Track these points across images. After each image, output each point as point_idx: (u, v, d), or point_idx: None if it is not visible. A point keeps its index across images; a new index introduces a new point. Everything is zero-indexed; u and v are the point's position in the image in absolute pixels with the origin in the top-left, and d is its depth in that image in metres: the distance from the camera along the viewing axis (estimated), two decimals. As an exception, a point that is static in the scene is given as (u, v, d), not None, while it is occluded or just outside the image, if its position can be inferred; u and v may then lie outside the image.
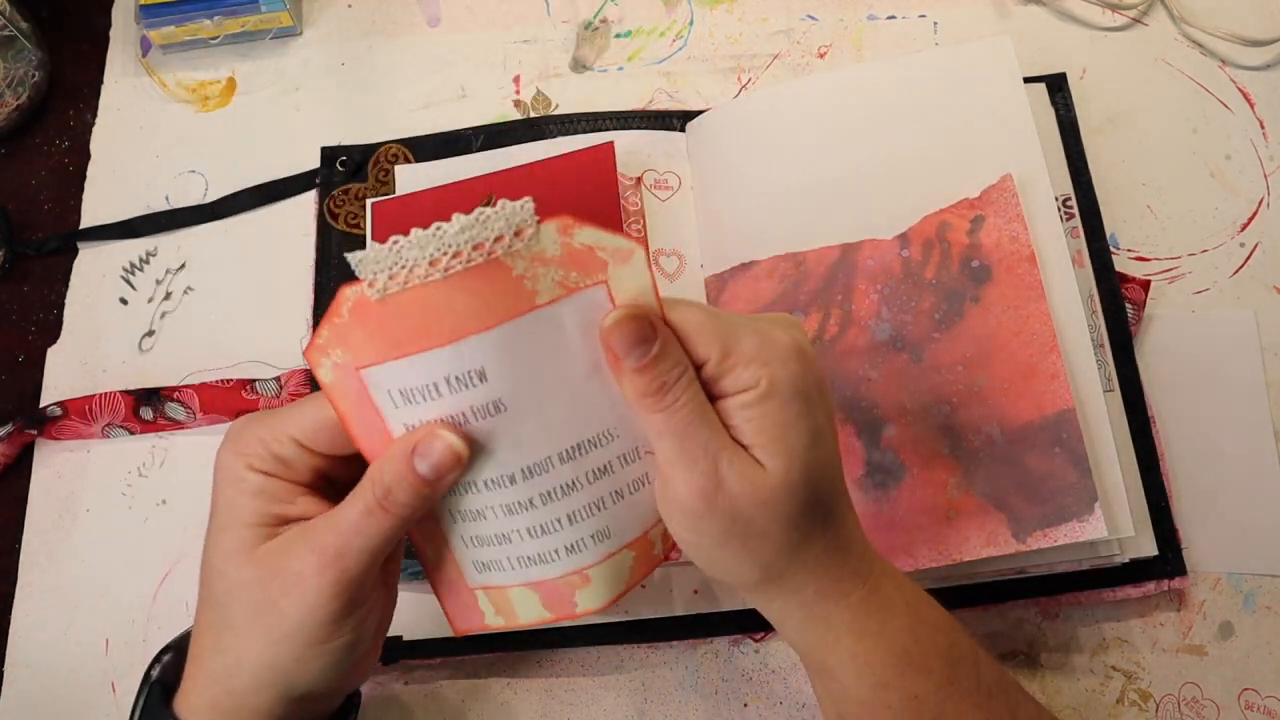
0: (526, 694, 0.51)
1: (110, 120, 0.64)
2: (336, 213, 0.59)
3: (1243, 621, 0.50)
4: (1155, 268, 0.57)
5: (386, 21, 0.65)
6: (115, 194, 0.62)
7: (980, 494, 0.47)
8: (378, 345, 0.33)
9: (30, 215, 0.62)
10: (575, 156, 0.56)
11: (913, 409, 0.49)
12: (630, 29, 0.64)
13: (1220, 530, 0.51)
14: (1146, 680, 0.49)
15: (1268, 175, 0.58)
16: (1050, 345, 0.48)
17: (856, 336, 0.51)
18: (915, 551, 0.47)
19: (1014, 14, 0.63)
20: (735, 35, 0.64)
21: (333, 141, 0.61)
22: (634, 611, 0.50)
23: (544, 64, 0.64)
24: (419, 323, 0.33)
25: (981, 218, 0.51)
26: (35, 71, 0.63)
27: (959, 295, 0.50)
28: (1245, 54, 0.61)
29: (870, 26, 0.64)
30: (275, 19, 0.63)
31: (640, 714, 0.50)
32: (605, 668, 0.51)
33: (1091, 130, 0.59)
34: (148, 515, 0.55)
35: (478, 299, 0.33)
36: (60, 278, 0.60)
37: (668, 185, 0.58)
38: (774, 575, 0.36)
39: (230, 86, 0.64)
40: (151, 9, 0.61)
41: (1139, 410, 0.51)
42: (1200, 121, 0.60)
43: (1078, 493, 0.46)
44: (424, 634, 0.50)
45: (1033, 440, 0.47)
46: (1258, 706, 0.49)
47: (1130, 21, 0.63)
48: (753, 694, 0.50)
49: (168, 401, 0.55)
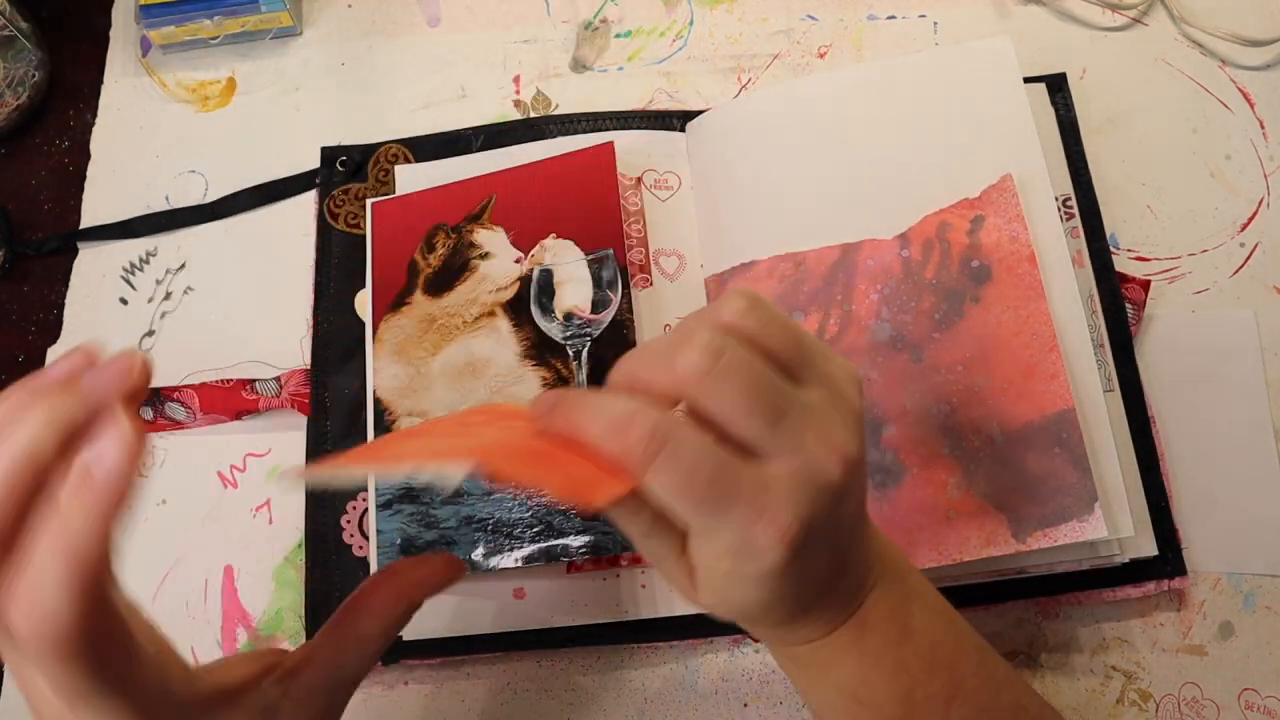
0: (526, 694, 0.51)
1: (110, 120, 0.64)
2: (336, 213, 0.59)
3: (1243, 621, 0.50)
4: (1155, 268, 0.57)
5: (386, 21, 0.65)
6: (115, 194, 0.62)
7: (980, 494, 0.47)
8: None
9: (30, 215, 0.62)
10: (575, 156, 0.56)
11: (913, 409, 0.49)
12: (630, 29, 0.64)
13: (1220, 530, 0.51)
14: (1146, 680, 0.49)
15: (1268, 175, 0.58)
16: (1050, 345, 0.48)
17: (856, 337, 0.51)
18: (915, 551, 0.47)
19: (1014, 14, 0.63)
20: (735, 35, 0.64)
21: (333, 141, 0.61)
22: (634, 611, 0.50)
23: (544, 64, 0.64)
24: None
25: (981, 218, 0.51)
26: (35, 71, 0.63)
27: (959, 295, 0.50)
28: (1245, 54, 0.61)
29: (870, 26, 0.63)
30: (275, 19, 0.63)
31: (640, 714, 0.50)
32: (605, 668, 0.51)
33: (1091, 130, 0.59)
34: (148, 515, 0.55)
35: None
36: (60, 278, 0.60)
37: (668, 185, 0.58)
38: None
39: (230, 86, 0.64)
40: (151, 9, 0.61)
41: (1139, 410, 0.51)
42: (1200, 121, 0.60)
43: (1078, 493, 0.46)
44: (424, 634, 0.50)
45: (1033, 440, 0.47)
46: (1258, 706, 0.49)
47: (1130, 21, 0.63)
48: (753, 694, 0.50)
49: (168, 401, 0.55)
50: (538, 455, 0.32)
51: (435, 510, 0.51)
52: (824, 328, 0.51)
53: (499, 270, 0.54)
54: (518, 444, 0.33)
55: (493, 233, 0.55)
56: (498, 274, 0.55)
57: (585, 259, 0.54)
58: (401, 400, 0.53)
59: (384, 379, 0.54)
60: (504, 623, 0.50)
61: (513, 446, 0.33)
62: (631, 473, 0.30)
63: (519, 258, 0.54)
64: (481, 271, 0.55)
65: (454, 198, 0.57)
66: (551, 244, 0.54)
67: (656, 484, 0.31)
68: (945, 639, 0.38)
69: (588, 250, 0.54)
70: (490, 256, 0.55)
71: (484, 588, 0.51)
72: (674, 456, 0.30)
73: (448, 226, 0.56)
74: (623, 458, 0.31)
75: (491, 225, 0.56)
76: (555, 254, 0.54)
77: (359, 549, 0.52)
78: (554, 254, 0.54)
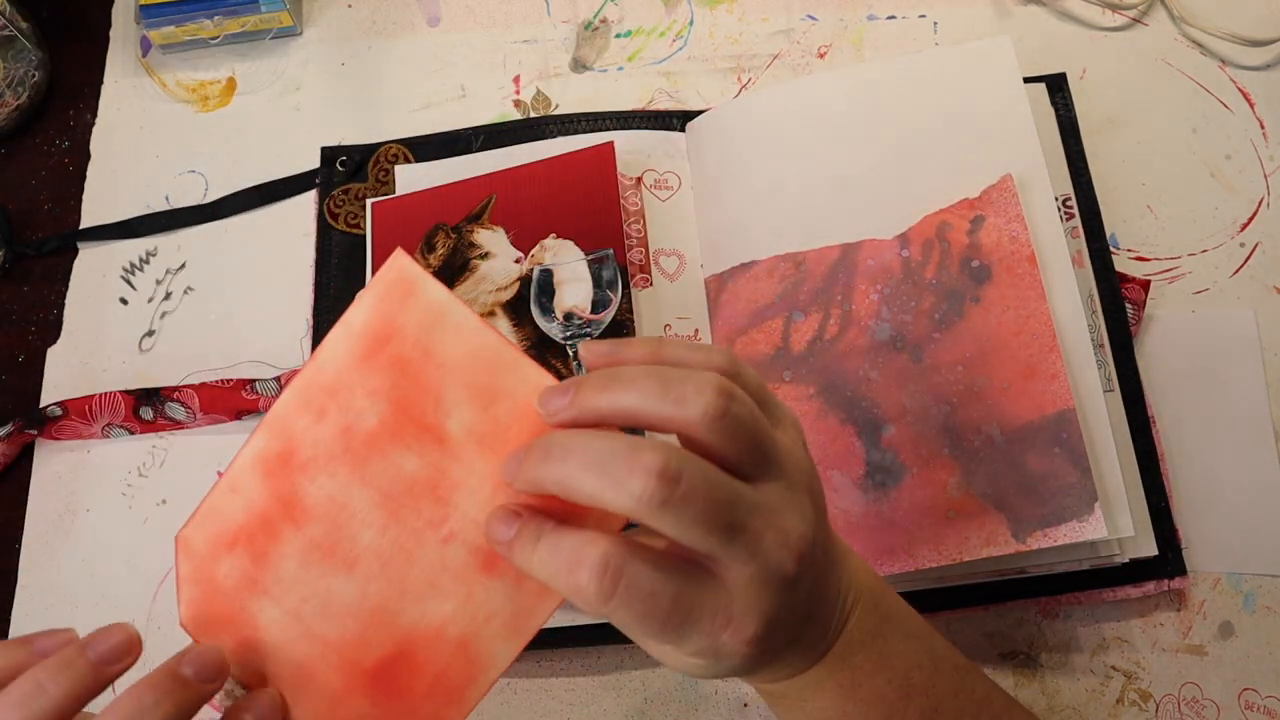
0: (526, 694, 0.51)
1: (110, 120, 0.64)
2: (336, 213, 0.59)
3: (1243, 621, 0.50)
4: (1155, 268, 0.57)
5: (386, 21, 0.65)
6: (115, 194, 0.62)
7: (980, 494, 0.47)
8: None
9: (30, 215, 0.62)
10: (575, 156, 0.56)
11: (913, 409, 0.49)
12: (630, 29, 0.64)
13: (1220, 530, 0.51)
14: (1146, 680, 0.49)
15: (1268, 175, 0.58)
16: (1050, 345, 0.48)
17: (856, 336, 0.51)
18: (915, 551, 0.47)
19: (1014, 14, 0.63)
20: (735, 35, 0.64)
21: (333, 141, 0.61)
22: (634, 611, 0.50)
23: (544, 64, 0.64)
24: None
25: (981, 218, 0.51)
26: (35, 71, 0.63)
27: (959, 295, 0.50)
28: (1245, 54, 0.61)
29: (870, 26, 0.63)
30: (275, 19, 0.63)
31: (640, 714, 0.50)
32: (605, 668, 0.51)
33: (1091, 130, 0.59)
34: (148, 515, 0.55)
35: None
36: (60, 278, 0.60)
37: (668, 185, 0.58)
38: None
39: (230, 86, 0.64)
40: (151, 9, 0.61)
41: (1139, 410, 0.51)
42: (1200, 121, 0.60)
43: (1078, 493, 0.46)
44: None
45: (1033, 440, 0.47)
46: (1258, 706, 0.49)
47: (1130, 21, 0.63)
48: (753, 694, 0.50)
49: (168, 401, 0.55)
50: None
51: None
52: (824, 328, 0.51)
53: (499, 270, 0.54)
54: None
55: (493, 233, 0.55)
56: (498, 274, 0.55)
57: (585, 259, 0.54)
58: (401, 400, 0.53)
59: (384, 379, 0.54)
60: (504, 623, 0.50)
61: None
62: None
63: (519, 258, 0.54)
64: (481, 271, 0.55)
65: (454, 198, 0.57)
66: (551, 244, 0.54)
67: (617, 620, 0.31)
68: (922, 662, 0.38)
69: (588, 250, 0.54)
70: (490, 256, 0.55)
71: (484, 588, 0.51)
72: (630, 590, 0.30)
73: (447, 226, 0.56)
74: (576, 598, 0.31)
75: (492, 225, 0.56)
76: (555, 254, 0.54)
77: (359, 549, 0.52)
78: (554, 254, 0.54)
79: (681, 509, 0.30)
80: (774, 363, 0.52)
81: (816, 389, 0.51)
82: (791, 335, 0.52)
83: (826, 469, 0.49)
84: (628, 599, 0.30)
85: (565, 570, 0.31)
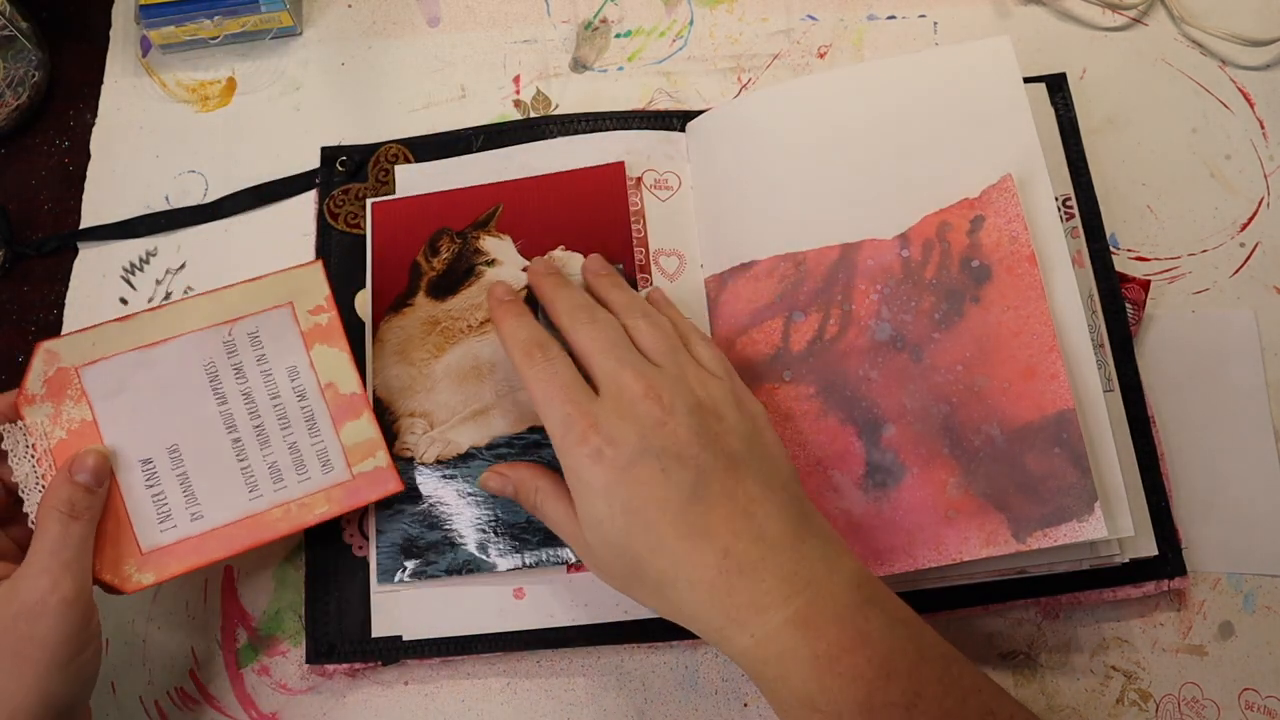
0: (526, 694, 0.51)
1: (110, 120, 0.64)
2: (336, 213, 0.59)
3: (1243, 621, 0.50)
4: (1155, 268, 0.57)
5: (386, 21, 0.65)
6: (115, 194, 0.62)
7: (980, 494, 0.47)
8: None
9: (30, 215, 0.62)
10: (585, 173, 0.56)
11: (913, 409, 0.49)
12: (630, 29, 0.64)
13: (1220, 530, 0.51)
14: (1146, 680, 0.49)
15: (1268, 175, 0.58)
16: (1050, 345, 0.48)
17: (856, 336, 0.51)
18: (915, 551, 0.47)
19: (1014, 14, 0.63)
20: (735, 35, 0.64)
21: (333, 141, 0.61)
22: (634, 612, 0.50)
23: (544, 64, 0.64)
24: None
25: (981, 218, 0.51)
26: (35, 71, 0.63)
27: (959, 295, 0.50)
28: (1245, 54, 0.61)
29: (870, 26, 0.64)
30: (275, 19, 0.63)
31: (640, 714, 0.50)
32: (605, 668, 0.51)
33: (1091, 130, 0.59)
34: (148, 515, 0.55)
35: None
36: (60, 278, 0.60)
37: (668, 185, 0.58)
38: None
39: (230, 86, 0.64)
40: (151, 9, 0.61)
41: (1139, 410, 0.51)
42: (1200, 121, 0.60)
43: (1078, 493, 0.46)
44: (424, 634, 0.50)
45: (1032, 440, 0.47)
46: (1258, 706, 0.49)
47: (1130, 21, 0.63)
48: (753, 694, 0.50)
49: (168, 401, 0.55)
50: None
51: (437, 511, 0.51)
52: (824, 328, 0.52)
53: (505, 278, 0.54)
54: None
55: (500, 240, 0.55)
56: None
57: None
58: (402, 400, 0.53)
59: (385, 379, 0.54)
60: (504, 623, 0.50)
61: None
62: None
63: (526, 266, 0.54)
64: (488, 277, 0.55)
65: (456, 203, 0.57)
66: (560, 256, 0.54)
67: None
68: (906, 646, 0.39)
69: None
70: (497, 263, 0.55)
71: (484, 588, 0.51)
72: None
73: (452, 231, 0.56)
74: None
75: (498, 233, 0.56)
76: (564, 266, 0.53)
77: (359, 549, 0.52)
78: (563, 266, 0.54)
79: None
80: (774, 363, 0.52)
81: (816, 389, 0.51)
82: (791, 335, 0.52)
83: (827, 469, 0.49)
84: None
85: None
